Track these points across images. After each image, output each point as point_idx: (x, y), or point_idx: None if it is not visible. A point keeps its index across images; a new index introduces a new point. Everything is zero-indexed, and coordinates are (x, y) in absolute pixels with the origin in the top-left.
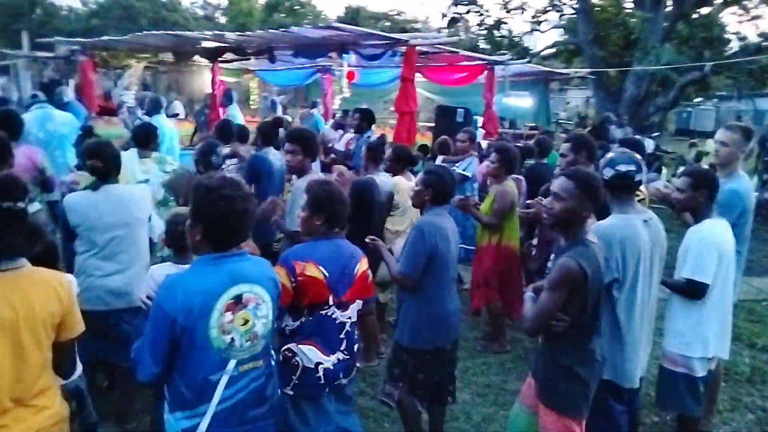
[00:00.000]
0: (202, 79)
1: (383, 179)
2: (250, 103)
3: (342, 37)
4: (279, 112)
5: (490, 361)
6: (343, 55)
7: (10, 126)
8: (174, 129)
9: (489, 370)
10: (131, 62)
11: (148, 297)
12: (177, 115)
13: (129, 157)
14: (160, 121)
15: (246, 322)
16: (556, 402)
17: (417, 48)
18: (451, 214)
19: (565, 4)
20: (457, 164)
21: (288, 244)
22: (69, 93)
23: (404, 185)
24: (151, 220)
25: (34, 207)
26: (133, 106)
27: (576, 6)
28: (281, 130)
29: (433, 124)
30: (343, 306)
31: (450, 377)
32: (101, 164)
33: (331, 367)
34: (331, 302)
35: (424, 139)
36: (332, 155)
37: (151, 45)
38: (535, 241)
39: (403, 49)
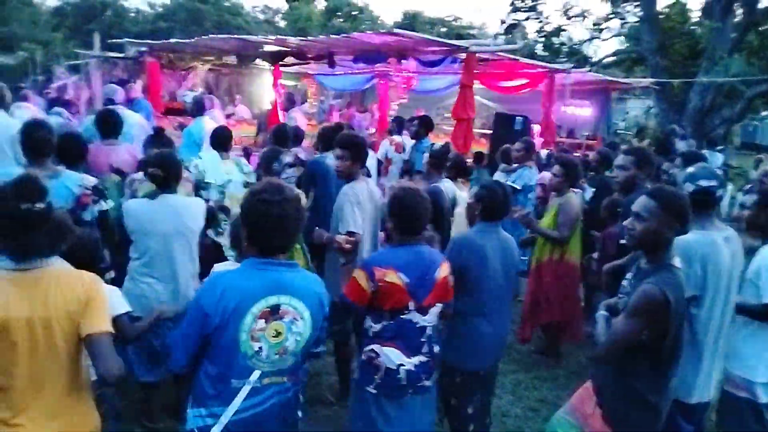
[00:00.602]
0: (262, 81)
1: (447, 186)
2: (308, 107)
3: (402, 43)
4: (335, 117)
5: (543, 375)
6: (402, 61)
7: (112, 124)
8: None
9: (542, 384)
10: (196, 64)
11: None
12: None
13: (212, 159)
14: (202, 122)
15: (278, 334)
16: (625, 430)
17: (477, 55)
18: (507, 228)
19: (628, 11)
20: (513, 174)
21: (332, 249)
22: (138, 91)
23: (463, 193)
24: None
25: (109, 204)
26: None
27: (640, 14)
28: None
29: (487, 131)
30: (423, 310)
31: (484, 409)
32: (162, 174)
33: (413, 369)
34: (411, 307)
35: (479, 146)
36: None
37: (215, 48)
38: (596, 255)
39: (463, 55)
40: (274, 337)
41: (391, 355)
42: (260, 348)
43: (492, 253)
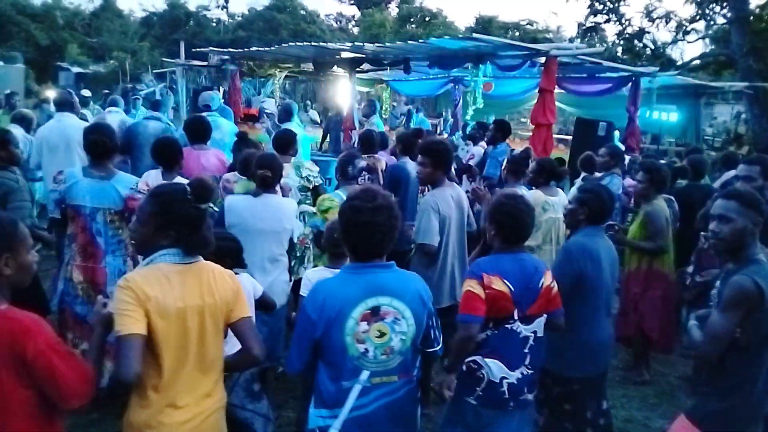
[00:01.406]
0: (336, 88)
1: (526, 193)
2: (382, 112)
3: (480, 48)
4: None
5: (630, 393)
6: (480, 65)
7: (202, 130)
8: (306, 135)
9: (630, 403)
10: (274, 72)
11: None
12: (315, 121)
13: None
14: (290, 128)
15: (382, 334)
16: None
17: (558, 59)
18: None
19: (716, 13)
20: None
21: (419, 254)
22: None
23: (540, 199)
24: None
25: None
26: (272, 113)
27: (728, 15)
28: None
29: (565, 137)
30: (527, 320)
31: (604, 413)
32: (270, 175)
33: (515, 382)
34: (515, 317)
35: (558, 152)
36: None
37: (293, 55)
38: (690, 269)
39: (543, 59)
40: (378, 337)
41: (494, 368)
42: (366, 349)
43: (604, 257)
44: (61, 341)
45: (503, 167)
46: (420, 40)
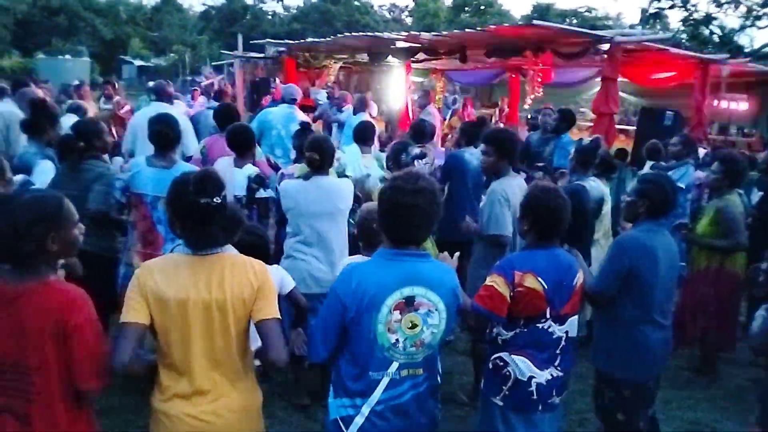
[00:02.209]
0: (390, 78)
1: (592, 185)
2: (436, 102)
3: (540, 35)
4: (469, 111)
5: (697, 395)
6: (540, 53)
7: (233, 119)
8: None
9: (697, 405)
10: (329, 63)
11: None
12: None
13: (353, 152)
14: (362, 118)
15: (414, 326)
16: None
17: (622, 46)
18: None
19: None
20: (669, 173)
21: (483, 246)
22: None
23: (602, 191)
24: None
25: (268, 193)
26: (324, 104)
27: None
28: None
29: (626, 127)
30: (560, 319)
31: (651, 420)
32: (318, 157)
33: (545, 383)
34: (548, 315)
35: (619, 143)
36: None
37: (348, 46)
38: (764, 265)
39: (605, 46)
40: (410, 328)
41: (522, 366)
42: (397, 340)
43: (661, 255)
44: (98, 320)
45: (570, 158)
46: (479, 28)
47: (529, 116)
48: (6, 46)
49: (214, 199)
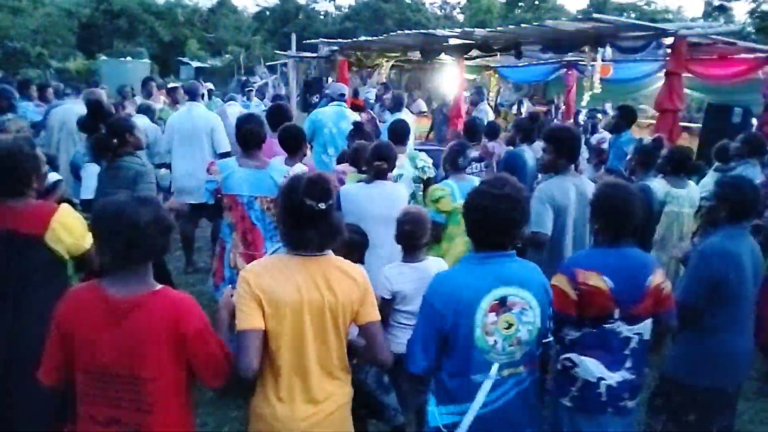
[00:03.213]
0: (441, 76)
1: (655, 185)
2: (489, 100)
3: (599, 29)
4: (522, 108)
5: None
6: (599, 48)
7: (285, 119)
8: (413, 125)
9: None
10: (381, 61)
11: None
12: (422, 112)
13: None
14: (401, 117)
15: (510, 326)
16: None
17: (687, 39)
18: None
19: None
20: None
21: (531, 245)
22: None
23: (662, 190)
24: None
25: None
26: (373, 103)
27: None
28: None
29: (689, 124)
30: (630, 320)
31: (729, 429)
32: (386, 165)
33: (615, 385)
34: (616, 316)
35: (682, 141)
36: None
37: (400, 44)
38: None
39: (669, 40)
40: (506, 329)
41: (591, 366)
42: (495, 341)
43: (746, 260)
44: (209, 321)
45: (630, 157)
46: (535, 23)
47: (583, 115)
48: (71, 49)
49: (319, 204)
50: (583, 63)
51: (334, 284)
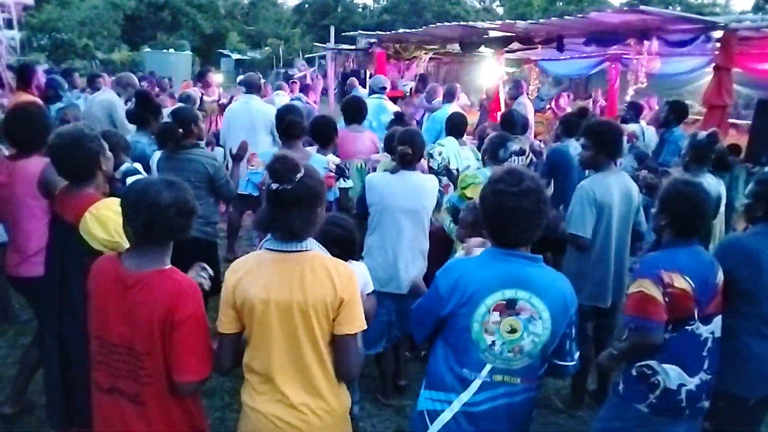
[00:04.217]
0: (480, 69)
1: (710, 182)
2: (528, 94)
3: (646, 22)
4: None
5: None
6: (644, 41)
7: (358, 111)
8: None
9: None
10: (419, 54)
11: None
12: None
13: (451, 144)
14: (449, 110)
15: (513, 330)
16: None
17: (737, 33)
18: None
19: None
20: None
21: (571, 245)
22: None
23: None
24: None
25: (348, 183)
26: (410, 96)
27: None
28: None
29: (736, 121)
30: (706, 320)
31: None
32: (411, 151)
33: (694, 389)
34: (695, 316)
35: (731, 138)
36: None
37: (439, 36)
38: None
39: (718, 34)
40: (508, 332)
41: (672, 375)
42: (493, 342)
43: (766, 260)
44: (205, 316)
45: (683, 153)
46: (578, 15)
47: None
48: (116, 40)
49: (273, 185)
50: (627, 56)
51: (307, 284)
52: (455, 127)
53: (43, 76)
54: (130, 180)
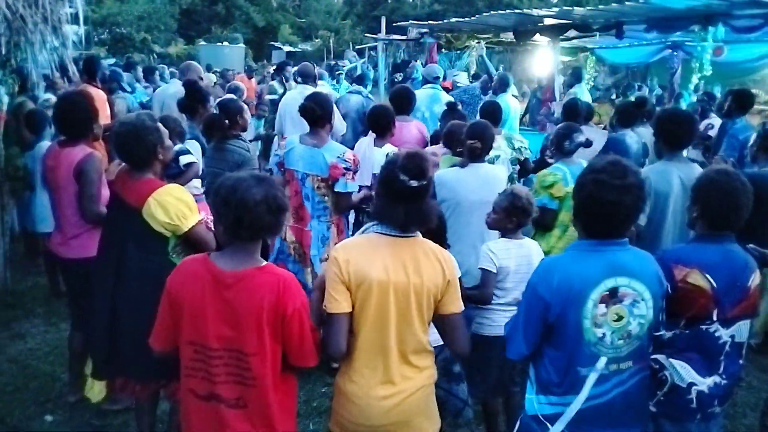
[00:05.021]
0: (534, 58)
1: None
2: (584, 83)
3: (711, 7)
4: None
5: None
6: (709, 27)
7: (406, 101)
8: (517, 107)
9: None
10: (472, 43)
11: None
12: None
13: None
14: (505, 99)
15: (620, 318)
16: None
17: None
18: None
19: None
20: None
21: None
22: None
23: None
24: None
25: None
26: (462, 86)
27: None
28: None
29: None
30: (727, 322)
31: None
32: (480, 146)
33: (706, 391)
34: (714, 317)
35: None
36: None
37: (492, 25)
38: None
39: None
40: (615, 321)
41: (681, 371)
42: (603, 334)
43: None
44: (308, 303)
45: (751, 144)
46: (639, 0)
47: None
48: (172, 34)
49: (411, 181)
50: (690, 43)
51: (422, 267)
52: (489, 115)
53: (107, 70)
54: (182, 159)
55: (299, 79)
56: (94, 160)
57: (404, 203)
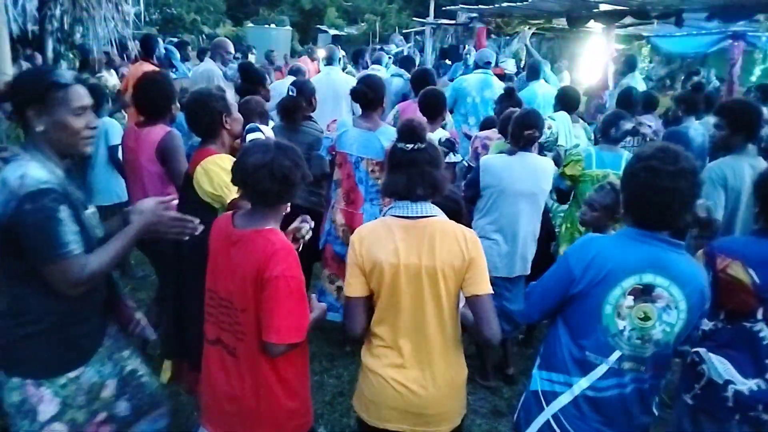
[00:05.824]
0: (586, 45)
1: None
2: (638, 72)
3: None
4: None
5: None
6: None
7: (427, 85)
8: (549, 93)
9: None
10: (523, 29)
11: None
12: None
13: (564, 120)
14: (534, 87)
15: (646, 318)
16: None
17: None
18: None
19: None
20: None
21: (701, 231)
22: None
23: None
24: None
25: (457, 158)
26: (511, 73)
27: None
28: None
29: None
30: None
31: None
32: (538, 135)
33: (746, 393)
34: (759, 316)
35: None
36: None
37: (545, 10)
38: None
39: None
40: (640, 319)
41: (719, 366)
42: (624, 327)
43: None
44: (302, 283)
45: None
46: None
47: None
48: (221, 16)
49: (407, 145)
50: (753, 33)
51: (437, 249)
52: (568, 101)
53: (163, 48)
54: (249, 136)
55: (325, 62)
56: (174, 137)
57: (405, 169)
